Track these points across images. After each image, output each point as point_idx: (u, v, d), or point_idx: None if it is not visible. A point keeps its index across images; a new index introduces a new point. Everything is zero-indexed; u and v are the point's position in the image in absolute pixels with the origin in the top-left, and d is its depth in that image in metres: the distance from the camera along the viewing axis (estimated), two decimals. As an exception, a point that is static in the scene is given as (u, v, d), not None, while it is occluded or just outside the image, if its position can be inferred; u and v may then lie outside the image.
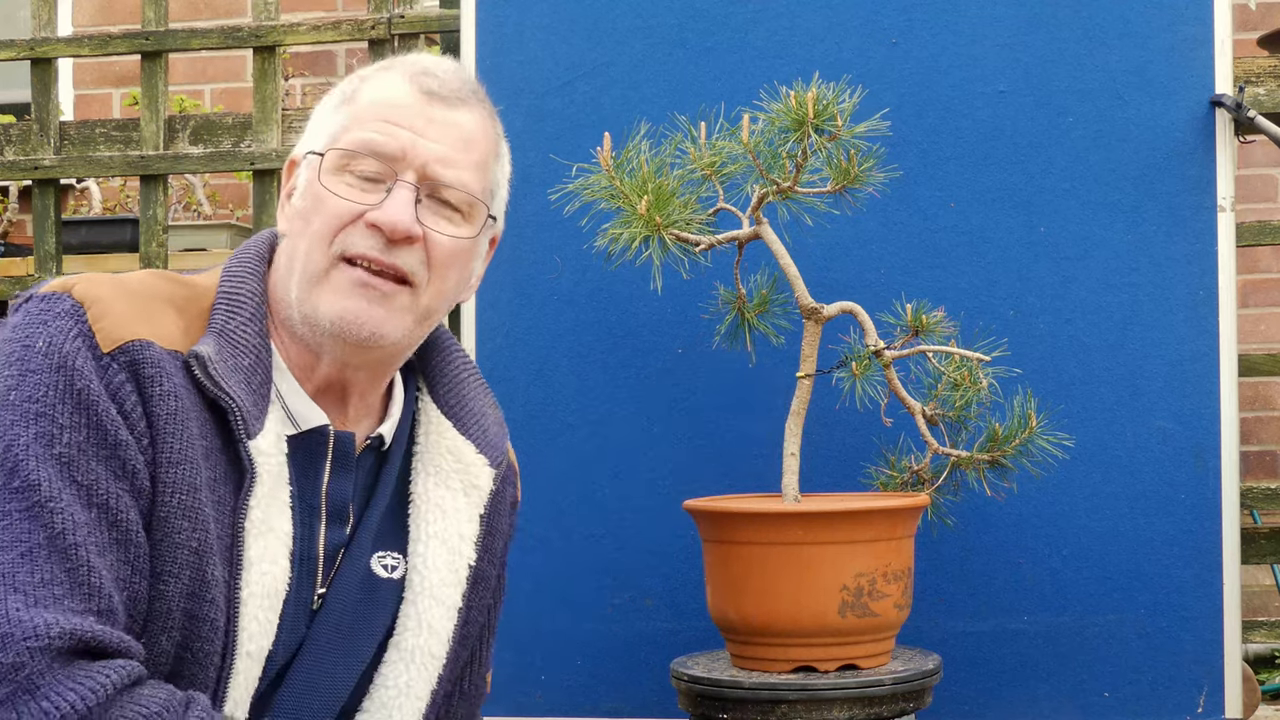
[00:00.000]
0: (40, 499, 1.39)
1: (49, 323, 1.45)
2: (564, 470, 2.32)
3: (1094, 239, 2.26)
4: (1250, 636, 2.60)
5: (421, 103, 1.60)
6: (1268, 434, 4.23)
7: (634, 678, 2.29)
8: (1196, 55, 2.26)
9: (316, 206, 1.58)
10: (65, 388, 1.43)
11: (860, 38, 2.31)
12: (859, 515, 1.89)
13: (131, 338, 1.46)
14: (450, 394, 1.72)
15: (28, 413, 1.41)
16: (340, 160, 1.58)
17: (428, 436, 1.69)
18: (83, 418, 1.43)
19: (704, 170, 1.99)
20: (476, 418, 1.72)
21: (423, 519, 1.66)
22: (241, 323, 1.54)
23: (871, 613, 1.88)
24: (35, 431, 1.41)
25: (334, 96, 1.65)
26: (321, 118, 1.64)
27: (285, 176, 1.66)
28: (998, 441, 2.02)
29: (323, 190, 1.58)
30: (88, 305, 1.46)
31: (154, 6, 3.12)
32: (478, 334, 2.35)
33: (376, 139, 1.58)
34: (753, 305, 2.11)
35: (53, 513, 1.39)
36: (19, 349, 1.44)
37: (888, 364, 2.00)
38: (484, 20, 2.38)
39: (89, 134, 3.20)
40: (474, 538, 1.68)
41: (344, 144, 1.59)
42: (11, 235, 4.39)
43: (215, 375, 1.49)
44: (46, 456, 1.40)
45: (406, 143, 1.58)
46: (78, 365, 1.43)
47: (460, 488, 1.68)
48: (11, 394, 1.42)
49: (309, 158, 1.61)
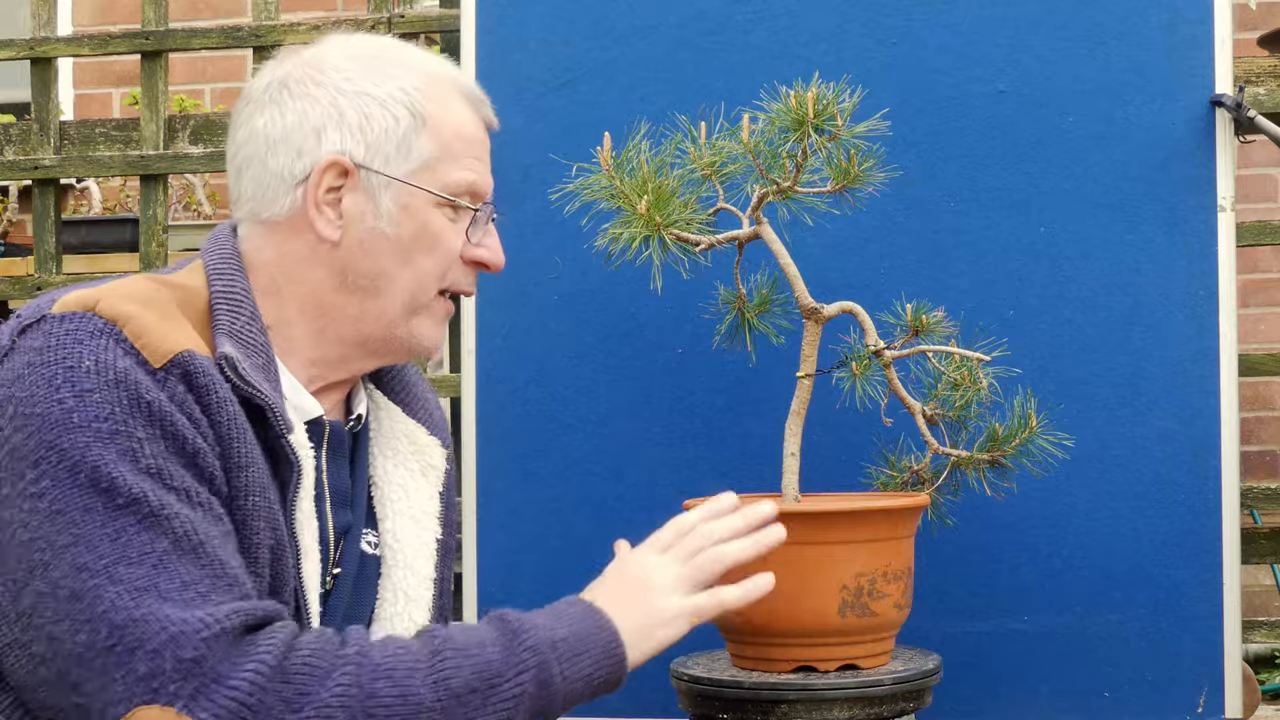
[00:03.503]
0: (150, 510, 1.39)
1: (85, 342, 1.43)
2: (564, 470, 2.32)
3: (1094, 239, 2.26)
4: (1250, 636, 2.60)
5: (485, 134, 1.69)
6: (1268, 434, 4.23)
7: (634, 678, 2.27)
8: (1196, 55, 2.26)
9: (429, 243, 1.63)
10: (131, 403, 1.42)
11: (860, 38, 2.31)
12: (858, 515, 1.89)
13: (178, 349, 1.46)
14: (395, 381, 1.78)
15: (100, 432, 1.40)
16: (447, 198, 1.63)
17: (380, 422, 1.75)
18: (157, 430, 1.42)
19: (704, 170, 1.99)
20: (421, 402, 1.79)
21: (387, 499, 1.72)
22: (246, 323, 1.56)
23: (871, 613, 1.88)
24: (117, 449, 1.40)
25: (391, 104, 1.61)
26: (385, 130, 1.61)
27: (325, 175, 1.60)
28: (998, 441, 2.02)
29: (437, 226, 1.63)
30: (121, 323, 1.44)
31: (154, 6, 3.12)
32: (478, 334, 2.35)
33: (480, 183, 1.66)
34: (753, 305, 2.11)
35: (167, 519, 1.40)
36: (61, 370, 1.41)
37: (888, 364, 2.00)
38: (484, 20, 2.38)
39: (89, 134, 3.20)
40: (437, 514, 1.76)
41: (451, 186, 1.63)
42: (11, 235, 4.39)
43: (246, 376, 1.51)
44: (137, 471, 1.40)
45: (490, 181, 1.69)
46: (138, 379, 1.42)
47: (418, 468, 1.75)
48: (74, 415, 1.39)
49: (400, 185, 1.61)
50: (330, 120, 1.60)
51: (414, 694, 1.41)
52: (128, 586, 1.36)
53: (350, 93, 1.61)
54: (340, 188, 1.60)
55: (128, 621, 1.34)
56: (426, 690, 1.41)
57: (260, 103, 1.65)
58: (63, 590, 1.36)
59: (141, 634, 1.34)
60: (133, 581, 1.36)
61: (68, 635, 1.36)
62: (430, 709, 1.41)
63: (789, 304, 2.08)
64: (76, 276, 3.21)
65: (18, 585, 1.40)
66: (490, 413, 2.34)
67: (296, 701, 1.36)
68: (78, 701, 1.36)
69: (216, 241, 1.64)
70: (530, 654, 1.48)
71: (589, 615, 1.56)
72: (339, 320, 1.63)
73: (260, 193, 1.63)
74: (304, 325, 1.62)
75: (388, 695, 1.39)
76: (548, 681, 1.48)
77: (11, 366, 1.44)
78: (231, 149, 1.67)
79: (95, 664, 1.35)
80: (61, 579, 1.36)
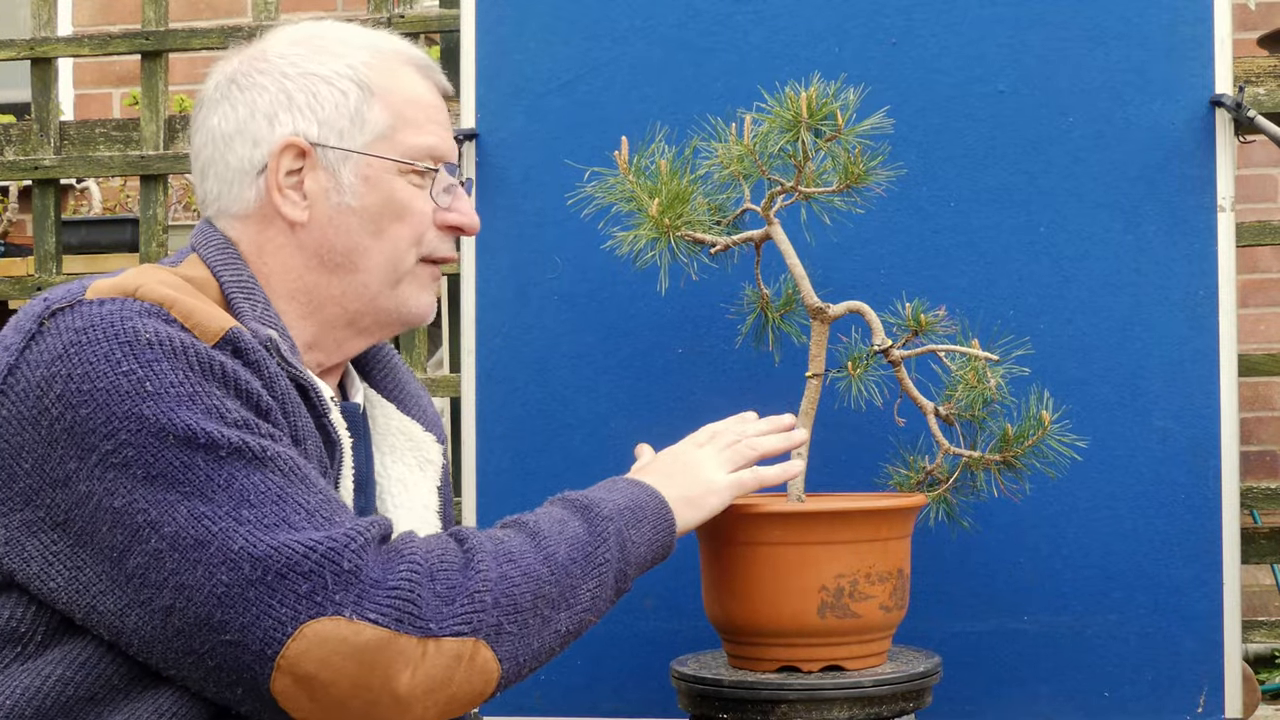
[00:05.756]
0: (253, 454, 1.42)
1: (135, 320, 1.43)
2: (564, 470, 2.32)
3: (1094, 239, 2.26)
4: (1250, 636, 2.60)
5: (441, 100, 1.70)
6: (1268, 434, 4.23)
7: (634, 678, 2.29)
8: (1196, 55, 2.26)
9: (398, 212, 1.64)
10: (203, 368, 1.43)
11: (860, 38, 2.31)
12: (837, 516, 1.89)
13: (227, 326, 1.48)
14: (387, 378, 1.80)
15: (181, 395, 1.41)
16: (411, 163, 1.64)
17: (375, 418, 1.77)
18: (231, 390, 1.45)
19: (733, 170, 1.99)
20: (414, 399, 1.82)
21: (387, 494, 1.75)
22: (264, 309, 1.58)
23: (853, 614, 1.87)
24: (201, 409, 1.42)
25: (338, 80, 1.64)
26: (335, 105, 1.63)
27: (282, 158, 1.62)
28: (1010, 442, 2.01)
29: (404, 194, 1.65)
30: (167, 305, 1.46)
31: (154, 6, 3.12)
32: (478, 334, 2.35)
33: (441, 146, 1.67)
34: (778, 305, 2.11)
35: (271, 459, 1.43)
36: (118, 346, 1.41)
37: (897, 363, 2.00)
38: (484, 20, 2.38)
39: (89, 134, 3.20)
40: (436, 508, 1.79)
41: (415, 151, 1.65)
42: (11, 235, 4.39)
43: (288, 357, 1.54)
44: (226, 424, 1.42)
45: (452, 144, 1.69)
46: (201, 348, 1.44)
47: (416, 464, 1.78)
48: (146, 385, 1.40)
49: (358, 157, 1.62)
50: (280, 105, 1.63)
51: (533, 571, 1.51)
52: (257, 525, 1.39)
53: (295, 75, 1.64)
54: (300, 169, 1.63)
55: (270, 551, 1.38)
56: (541, 566, 1.52)
57: (213, 102, 1.67)
58: (185, 540, 1.38)
59: (290, 558, 1.38)
60: (260, 520, 1.39)
61: (204, 580, 1.38)
62: (547, 581, 1.52)
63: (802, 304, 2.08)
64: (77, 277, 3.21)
65: (118, 551, 1.41)
66: (490, 412, 2.34)
67: (448, 594, 1.44)
68: (227, 639, 1.39)
69: (206, 235, 1.65)
70: (607, 522, 1.60)
71: (637, 487, 1.69)
72: (325, 302, 1.64)
73: (225, 189, 1.65)
74: (294, 312, 1.64)
75: (515, 575, 1.50)
76: (624, 544, 1.61)
77: (48, 347, 1.43)
78: (193, 154, 1.69)
79: (247, 596, 1.38)
80: (180, 532, 1.38)
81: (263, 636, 1.38)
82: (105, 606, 1.43)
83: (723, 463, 1.78)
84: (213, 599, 1.38)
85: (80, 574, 1.43)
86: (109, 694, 1.44)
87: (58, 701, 1.43)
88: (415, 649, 1.41)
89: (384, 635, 1.39)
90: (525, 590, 1.50)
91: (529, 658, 1.51)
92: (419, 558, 1.44)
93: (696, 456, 1.78)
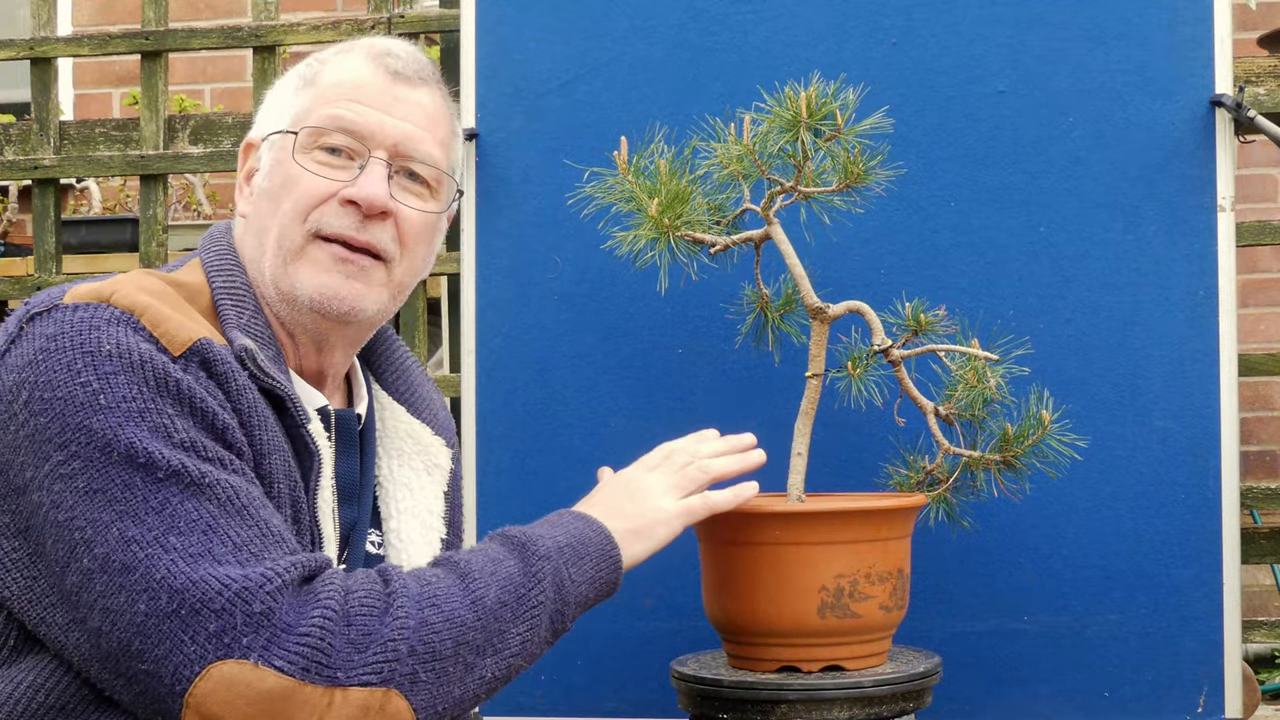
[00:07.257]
0: (190, 480, 1.40)
1: (102, 328, 1.43)
2: (564, 470, 2.32)
3: (1094, 239, 2.26)
4: (1250, 636, 2.60)
5: (386, 82, 1.64)
6: (1268, 434, 4.23)
7: (634, 678, 2.29)
8: (1196, 55, 2.26)
9: (289, 185, 1.60)
10: (158, 383, 1.42)
11: (860, 38, 2.31)
12: (837, 516, 1.89)
13: (195, 338, 1.47)
14: (399, 381, 1.79)
15: (130, 411, 1.40)
16: (311, 138, 1.61)
17: (384, 421, 1.76)
18: (185, 408, 1.43)
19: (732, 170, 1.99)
20: (426, 402, 1.80)
21: (392, 498, 1.73)
22: (251, 316, 1.57)
23: (853, 614, 1.87)
24: (148, 426, 1.40)
25: (291, 80, 1.67)
26: (280, 100, 1.66)
27: (242, 159, 1.68)
28: (1010, 442, 2.01)
29: (296, 169, 1.60)
30: (138, 313, 1.45)
31: (154, 6, 3.12)
32: (478, 334, 2.35)
33: (347, 115, 1.61)
34: (778, 305, 2.11)
35: (209, 486, 1.41)
36: (80, 355, 1.41)
37: (897, 363, 2.00)
38: (484, 20, 2.38)
39: (89, 134, 3.20)
40: (441, 514, 1.77)
41: (314, 121, 1.61)
42: (11, 235, 4.39)
43: (264, 367, 1.52)
44: (171, 445, 1.41)
45: (375, 121, 1.62)
46: (160, 363, 1.43)
47: (423, 468, 1.76)
48: (100, 397, 1.40)
49: (273, 138, 1.63)
50: (260, 114, 1.70)
51: (457, 616, 1.46)
52: (181, 554, 1.37)
53: (277, 84, 1.70)
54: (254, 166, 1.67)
55: (188, 585, 1.36)
56: (466, 611, 1.47)
57: None
58: (113, 564, 1.37)
59: (205, 595, 1.36)
60: (186, 549, 1.37)
61: (126, 606, 1.37)
62: (472, 627, 1.47)
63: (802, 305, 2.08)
64: (76, 276, 3.21)
65: (60, 565, 1.40)
66: (490, 412, 2.34)
67: (361, 641, 1.40)
68: (144, 669, 1.37)
69: (213, 239, 1.65)
70: (544, 561, 1.55)
71: (581, 521, 1.64)
72: (268, 298, 1.63)
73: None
74: (272, 315, 1.64)
75: (437, 621, 1.45)
76: (561, 584, 1.56)
77: (22, 352, 1.44)
78: None
79: (161, 629, 1.36)
80: (110, 554, 1.37)
81: (173, 671, 1.36)
82: (53, 620, 1.42)
83: (672, 487, 1.72)
84: (132, 627, 1.37)
85: (35, 584, 1.43)
86: (81, 704, 1.43)
87: (29, 708, 1.42)
88: (320, 699, 1.37)
89: (288, 685, 1.36)
90: (446, 637, 1.45)
91: (449, 705, 1.46)
92: (335, 602, 1.40)
93: (646, 483, 1.73)
